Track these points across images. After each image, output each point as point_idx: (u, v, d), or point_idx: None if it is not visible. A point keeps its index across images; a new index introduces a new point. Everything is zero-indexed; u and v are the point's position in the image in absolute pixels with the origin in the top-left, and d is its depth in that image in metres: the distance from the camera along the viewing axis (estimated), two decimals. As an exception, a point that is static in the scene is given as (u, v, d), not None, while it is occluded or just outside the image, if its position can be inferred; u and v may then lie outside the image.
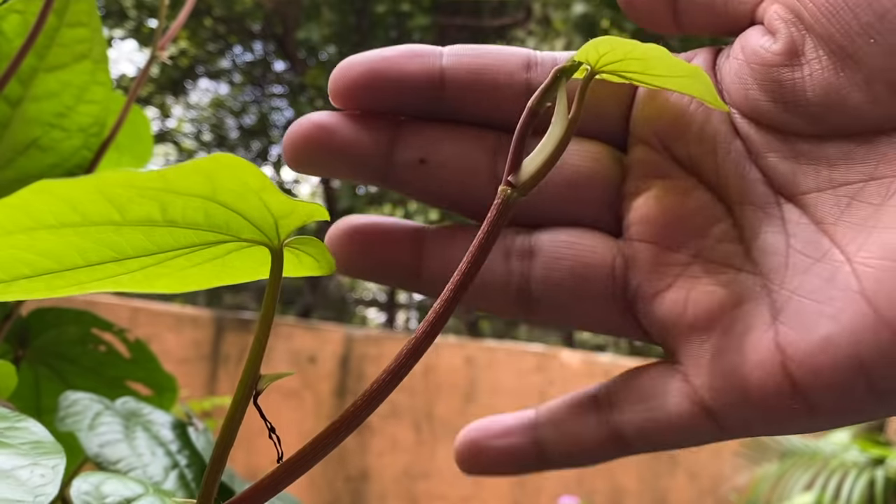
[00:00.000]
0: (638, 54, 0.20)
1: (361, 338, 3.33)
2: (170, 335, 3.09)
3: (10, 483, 0.17)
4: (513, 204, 0.20)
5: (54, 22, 0.39)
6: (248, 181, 0.18)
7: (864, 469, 2.54)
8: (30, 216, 0.17)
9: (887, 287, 0.18)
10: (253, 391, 0.20)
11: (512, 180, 0.20)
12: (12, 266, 0.19)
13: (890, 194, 0.19)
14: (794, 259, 0.20)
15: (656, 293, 0.22)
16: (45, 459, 0.18)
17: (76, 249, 0.19)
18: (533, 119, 0.21)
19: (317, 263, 0.22)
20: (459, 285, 0.20)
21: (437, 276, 0.23)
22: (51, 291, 0.20)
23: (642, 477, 3.61)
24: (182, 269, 0.21)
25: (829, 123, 0.20)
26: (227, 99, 6.36)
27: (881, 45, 0.19)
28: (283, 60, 6.21)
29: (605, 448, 0.23)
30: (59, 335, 0.45)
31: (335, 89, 0.23)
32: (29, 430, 0.20)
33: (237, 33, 6.02)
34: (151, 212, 0.18)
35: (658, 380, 0.22)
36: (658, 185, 0.23)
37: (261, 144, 6.39)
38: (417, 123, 0.24)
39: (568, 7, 4.39)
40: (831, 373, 0.19)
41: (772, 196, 0.21)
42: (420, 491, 3.28)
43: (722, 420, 0.21)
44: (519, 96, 0.23)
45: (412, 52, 0.23)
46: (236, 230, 0.19)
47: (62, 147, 0.41)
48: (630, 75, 0.21)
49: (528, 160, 0.21)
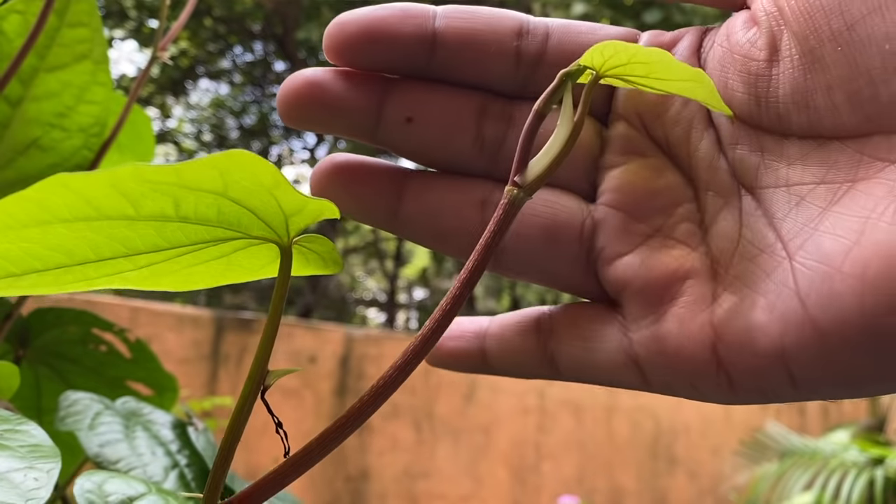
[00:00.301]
0: (642, 58, 0.21)
1: (361, 338, 3.33)
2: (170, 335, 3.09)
3: (2, 485, 0.17)
4: (519, 204, 0.21)
5: (55, 22, 0.39)
6: (261, 178, 0.18)
7: (863, 469, 2.54)
8: (45, 209, 0.17)
9: (818, 289, 0.19)
10: (261, 387, 0.20)
11: (518, 181, 0.21)
12: (24, 260, 0.19)
13: (835, 200, 0.20)
14: (742, 247, 0.22)
15: (617, 256, 0.23)
16: (40, 463, 0.18)
17: (88, 244, 0.19)
18: (539, 122, 0.21)
19: (323, 262, 0.22)
20: (466, 282, 0.20)
21: (412, 216, 0.24)
22: (59, 286, 0.20)
23: (642, 476, 3.61)
24: (189, 266, 0.21)
25: (792, 123, 0.21)
26: (227, 99, 6.36)
27: (845, 55, 0.20)
28: (284, 61, 6.21)
29: (538, 369, 0.24)
30: (59, 335, 0.45)
31: (329, 45, 0.23)
32: (29, 433, 0.20)
33: (237, 33, 6.02)
34: (165, 207, 0.18)
35: (599, 323, 0.23)
36: (634, 161, 0.24)
37: (261, 144, 6.39)
38: (406, 83, 0.24)
39: (568, 7, 4.39)
40: (754, 358, 0.21)
41: (735, 186, 0.22)
42: (420, 490, 3.28)
43: (648, 376, 0.22)
44: (508, 62, 0.24)
45: (406, 14, 0.23)
46: (247, 227, 0.20)
47: (63, 147, 0.41)
48: (634, 79, 0.22)
49: (534, 161, 0.21)
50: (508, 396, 3.47)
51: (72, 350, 0.46)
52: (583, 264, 0.24)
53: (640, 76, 0.21)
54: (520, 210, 0.21)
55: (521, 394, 3.49)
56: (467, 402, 3.40)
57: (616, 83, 0.22)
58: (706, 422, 3.69)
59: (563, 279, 0.24)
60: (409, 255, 7.57)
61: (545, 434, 3.50)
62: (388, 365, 0.21)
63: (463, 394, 3.36)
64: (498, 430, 3.43)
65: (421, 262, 7.56)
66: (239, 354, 3.18)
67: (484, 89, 0.24)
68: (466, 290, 0.20)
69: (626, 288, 0.23)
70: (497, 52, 0.24)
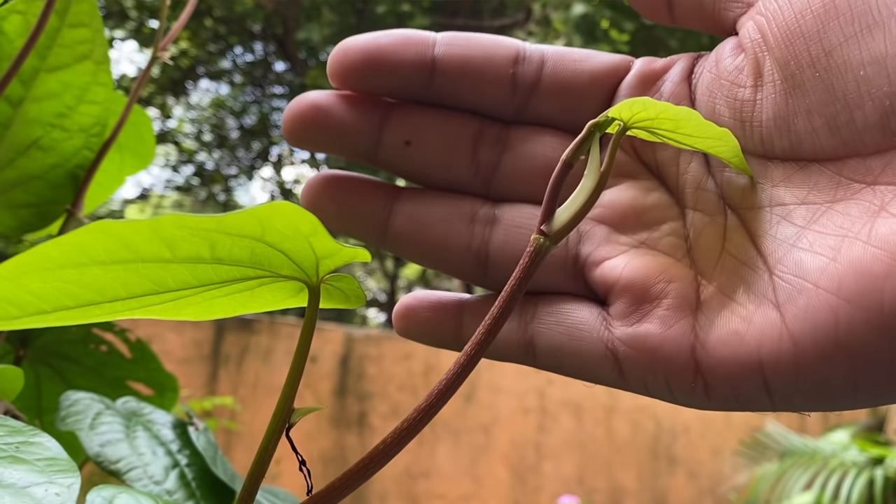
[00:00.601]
0: (670, 115, 0.21)
1: (361, 338, 3.33)
2: (171, 335, 3.09)
3: (25, 501, 0.17)
4: (545, 253, 0.21)
5: (56, 22, 0.39)
6: (299, 226, 0.19)
7: (863, 468, 2.54)
8: (84, 253, 0.18)
9: (795, 302, 0.20)
10: (286, 424, 0.21)
11: (545, 229, 0.21)
12: (56, 298, 0.19)
13: (814, 219, 0.21)
14: (725, 259, 0.23)
15: (603, 259, 0.24)
16: (60, 478, 0.18)
17: (121, 283, 0.19)
18: (567, 171, 0.22)
19: (346, 298, 0.23)
20: (490, 328, 0.21)
21: (402, 230, 0.25)
22: (86, 319, 0.21)
23: (642, 476, 3.61)
24: (212, 298, 0.22)
25: (775, 146, 0.22)
26: (227, 99, 6.36)
27: (823, 81, 0.20)
28: (284, 61, 6.22)
29: (514, 350, 0.24)
30: (60, 335, 0.45)
31: (332, 71, 0.24)
32: (44, 445, 0.20)
33: (238, 34, 6.02)
34: (201, 250, 0.19)
35: (582, 313, 0.24)
36: (624, 182, 0.25)
37: (261, 145, 6.39)
38: (405, 107, 0.25)
39: (568, 7, 4.38)
40: (731, 365, 0.21)
41: (721, 205, 0.23)
42: (420, 490, 3.28)
43: (625, 372, 0.23)
44: (504, 88, 0.25)
45: (407, 40, 0.24)
46: (277, 267, 0.20)
47: (63, 147, 0.41)
48: (661, 132, 0.22)
49: (560, 210, 0.22)
50: (508, 396, 3.47)
51: (72, 350, 0.46)
52: (570, 273, 0.25)
53: (668, 130, 0.22)
54: (545, 258, 0.21)
55: (521, 394, 3.49)
56: (467, 403, 3.40)
57: (643, 135, 0.23)
58: (706, 422, 3.69)
59: (551, 285, 0.25)
60: (410, 255, 7.55)
61: (545, 434, 3.50)
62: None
63: (463, 394, 3.36)
64: (498, 430, 3.44)
65: (421, 262, 7.54)
66: (239, 355, 3.18)
67: (481, 114, 0.25)
68: (490, 336, 0.21)
69: (612, 288, 0.23)
70: (494, 78, 0.24)
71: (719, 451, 3.63)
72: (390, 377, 3.32)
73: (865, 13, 0.20)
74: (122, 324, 0.46)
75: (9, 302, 0.19)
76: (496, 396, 3.45)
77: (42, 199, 0.41)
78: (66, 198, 0.42)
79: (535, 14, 4.73)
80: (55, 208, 0.42)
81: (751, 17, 0.22)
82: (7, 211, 0.40)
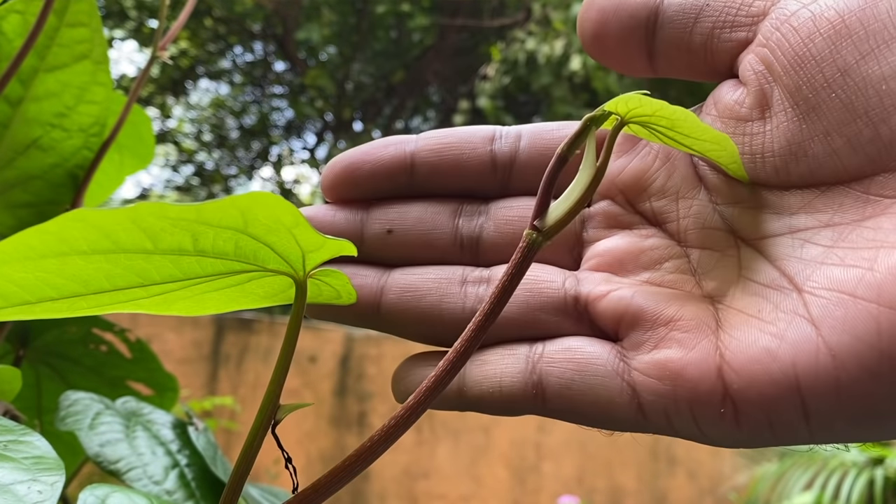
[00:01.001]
0: (667, 113, 0.21)
1: (361, 338, 3.33)
2: (171, 335, 3.09)
3: (7, 497, 0.17)
4: (537, 248, 0.21)
5: (54, 22, 0.39)
6: (281, 217, 0.19)
7: (863, 469, 2.54)
8: (64, 242, 0.18)
9: (832, 314, 0.19)
10: (272, 420, 0.20)
11: (538, 224, 0.21)
12: (39, 288, 0.19)
13: (841, 238, 0.20)
14: (743, 284, 0.21)
15: (606, 293, 0.23)
16: (44, 476, 0.18)
17: (104, 274, 0.19)
18: (561, 166, 0.21)
19: (337, 294, 0.23)
20: (480, 325, 0.21)
21: (394, 304, 0.25)
22: (72, 312, 0.20)
23: (642, 476, 3.61)
24: (202, 293, 0.21)
25: (791, 174, 0.21)
26: (227, 99, 6.36)
27: (841, 100, 0.20)
28: (284, 61, 6.21)
29: (523, 397, 0.22)
30: (60, 335, 0.45)
31: (323, 188, 0.26)
32: (33, 444, 0.20)
33: (237, 34, 6.02)
34: (183, 242, 0.19)
35: (594, 348, 0.22)
36: (619, 232, 0.24)
37: (261, 145, 6.39)
38: (385, 199, 0.26)
39: (568, 7, 4.38)
40: (765, 384, 0.19)
41: (731, 240, 0.22)
42: (420, 490, 3.28)
43: (645, 406, 0.21)
44: (484, 166, 0.25)
45: (386, 143, 0.25)
46: (263, 261, 0.20)
47: (63, 147, 0.41)
48: (658, 129, 0.22)
49: (554, 205, 0.21)
50: (508, 396, 3.47)
51: (72, 350, 0.45)
52: (571, 314, 0.23)
53: (665, 128, 0.22)
54: (537, 253, 0.21)
55: (521, 394, 3.49)
56: (467, 402, 3.40)
57: (640, 132, 0.22)
58: (706, 422, 3.68)
59: (554, 330, 0.23)
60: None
61: (545, 434, 3.49)
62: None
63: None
64: (498, 430, 3.43)
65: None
66: (239, 355, 3.18)
67: (460, 194, 0.25)
68: (481, 333, 0.21)
69: (622, 317, 0.22)
70: (471, 158, 0.25)
71: (719, 451, 3.62)
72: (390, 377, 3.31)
73: (880, 30, 0.20)
74: (121, 324, 0.46)
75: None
76: (496, 396, 3.45)
77: (41, 198, 0.41)
78: (66, 198, 0.42)
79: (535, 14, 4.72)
80: (54, 208, 0.42)
81: (751, 51, 0.22)
82: (6, 211, 0.40)
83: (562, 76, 4.50)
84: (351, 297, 0.23)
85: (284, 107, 6.27)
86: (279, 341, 3.19)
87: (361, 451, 0.20)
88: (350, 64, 5.78)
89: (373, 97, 6.18)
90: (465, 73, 5.58)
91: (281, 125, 6.34)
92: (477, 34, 5.66)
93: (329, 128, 6.08)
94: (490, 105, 4.81)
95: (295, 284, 0.21)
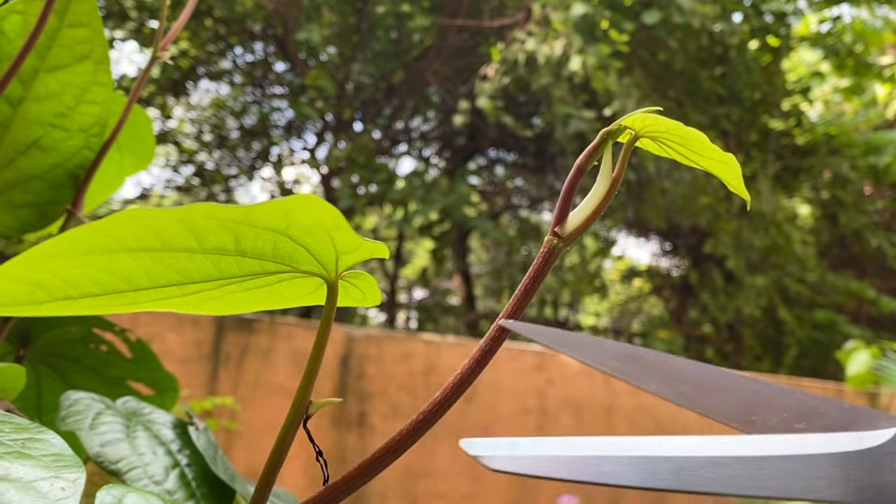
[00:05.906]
0: (680, 133, 0.22)
1: (362, 337, 3.33)
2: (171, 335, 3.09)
3: (31, 494, 0.17)
4: (558, 253, 0.22)
5: (55, 23, 0.39)
6: (321, 219, 0.19)
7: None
8: (113, 239, 0.18)
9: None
10: (304, 415, 0.21)
11: (558, 231, 0.22)
12: (83, 284, 0.20)
13: None
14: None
15: None
16: (66, 473, 0.19)
17: (146, 272, 0.20)
18: (581, 176, 0.23)
19: (363, 295, 0.24)
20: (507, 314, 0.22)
21: None
22: (110, 309, 0.21)
23: (643, 477, 3.59)
24: (233, 293, 0.22)
25: None
26: (227, 99, 6.36)
27: None
28: (284, 61, 6.21)
29: None
30: (60, 335, 0.45)
31: None
32: (49, 442, 0.20)
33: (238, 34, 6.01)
34: (226, 242, 0.19)
35: None
36: None
37: (261, 145, 6.39)
38: None
39: (568, 7, 4.38)
40: None
41: None
42: (420, 490, 3.28)
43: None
44: None
45: None
46: (297, 262, 0.21)
47: (63, 147, 0.41)
48: (670, 145, 0.23)
49: (573, 213, 0.23)
50: (508, 396, 3.47)
51: (72, 350, 0.46)
52: None
53: (676, 144, 0.23)
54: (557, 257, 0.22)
55: (521, 394, 3.49)
56: (467, 403, 3.40)
57: (652, 147, 0.24)
58: (706, 422, 3.69)
59: None
60: (409, 255, 7.57)
61: (545, 434, 3.49)
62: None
63: (463, 394, 3.36)
64: (498, 430, 3.43)
65: (421, 262, 7.56)
66: (240, 354, 3.18)
67: None
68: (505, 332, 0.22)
69: None
70: None
71: (719, 451, 3.62)
72: (390, 377, 3.32)
73: None
74: (122, 324, 0.46)
75: (38, 285, 0.19)
76: (496, 396, 3.44)
77: (42, 198, 0.41)
78: (66, 198, 0.42)
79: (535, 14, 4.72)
80: (55, 208, 0.42)
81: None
82: (7, 211, 0.40)
83: (561, 76, 4.50)
84: (376, 298, 0.24)
85: (285, 107, 6.26)
86: (279, 341, 3.19)
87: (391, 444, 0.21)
88: (350, 64, 5.78)
89: (373, 97, 6.17)
90: (465, 74, 5.58)
91: (281, 125, 6.34)
92: (477, 34, 5.66)
93: (329, 128, 6.07)
94: (490, 105, 4.81)
95: (326, 285, 0.22)
